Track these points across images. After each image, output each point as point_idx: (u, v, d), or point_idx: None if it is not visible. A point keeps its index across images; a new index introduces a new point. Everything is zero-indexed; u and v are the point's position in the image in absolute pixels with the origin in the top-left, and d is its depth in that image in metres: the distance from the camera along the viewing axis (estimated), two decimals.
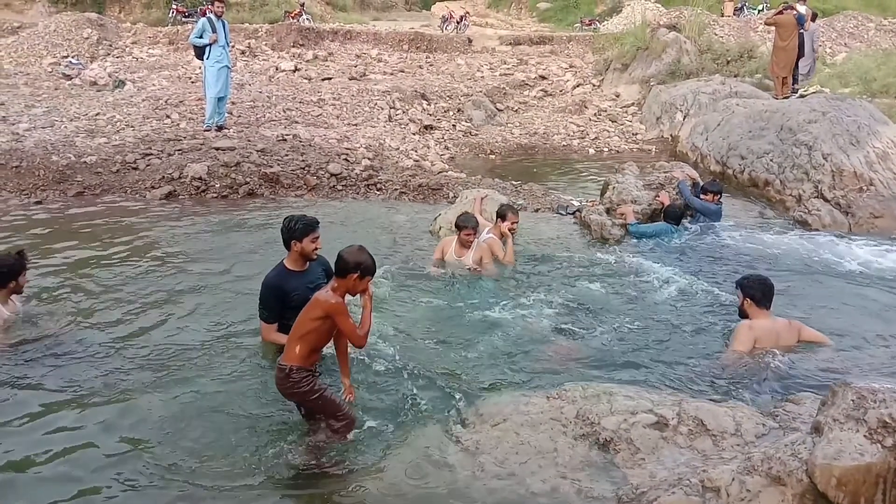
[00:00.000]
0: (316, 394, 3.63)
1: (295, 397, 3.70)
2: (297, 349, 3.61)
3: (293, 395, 3.67)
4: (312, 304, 3.63)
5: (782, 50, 13.86)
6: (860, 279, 6.65)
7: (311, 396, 3.63)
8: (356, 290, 3.65)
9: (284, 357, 3.65)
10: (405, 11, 40.41)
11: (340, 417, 3.69)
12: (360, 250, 3.67)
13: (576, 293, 6.13)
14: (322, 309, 3.57)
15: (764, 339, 4.75)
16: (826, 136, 9.38)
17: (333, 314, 3.56)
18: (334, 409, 3.68)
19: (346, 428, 3.71)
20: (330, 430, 3.70)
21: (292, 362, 3.60)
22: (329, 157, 10.49)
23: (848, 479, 2.62)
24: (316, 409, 3.71)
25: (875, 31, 22.82)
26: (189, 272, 6.41)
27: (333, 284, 3.66)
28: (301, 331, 3.62)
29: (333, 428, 3.69)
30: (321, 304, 3.58)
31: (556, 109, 17.11)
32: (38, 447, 3.73)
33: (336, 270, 3.64)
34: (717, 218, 8.15)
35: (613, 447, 3.49)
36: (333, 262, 3.70)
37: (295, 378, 3.59)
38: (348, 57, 20.29)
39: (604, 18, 29.27)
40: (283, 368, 3.62)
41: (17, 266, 4.94)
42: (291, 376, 3.59)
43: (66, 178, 9.25)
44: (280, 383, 3.66)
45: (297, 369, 3.59)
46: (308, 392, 3.61)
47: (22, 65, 16.85)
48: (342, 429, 3.69)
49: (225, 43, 11.33)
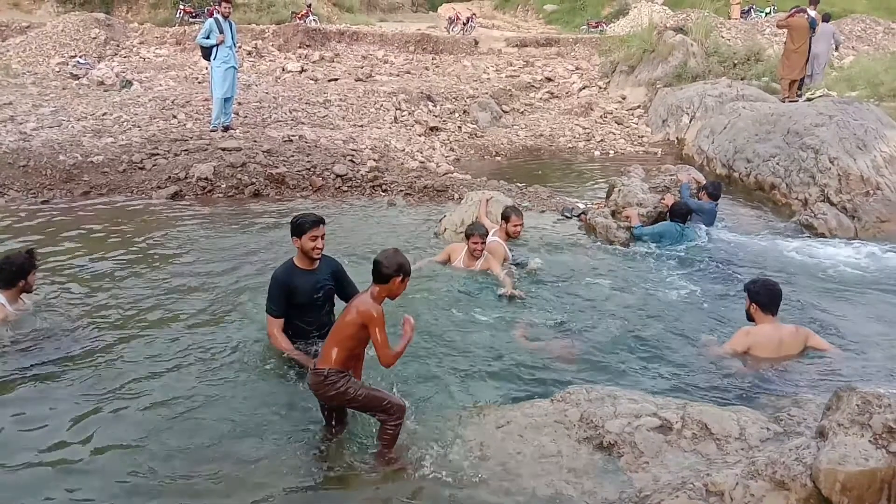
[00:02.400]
0: (356, 391, 3.57)
1: (334, 400, 3.63)
2: (333, 354, 3.56)
3: (332, 397, 3.61)
4: (351, 311, 3.58)
5: (794, 53, 13.83)
6: (865, 284, 6.63)
7: (350, 396, 3.57)
8: (397, 294, 3.64)
9: (321, 361, 3.60)
10: (412, 13, 40.45)
11: (388, 408, 3.60)
12: (396, 253, 3.66)
13: (580, 296, 6.13)
14: (361, 317, 3.52)
15: (762, 346, 4.73)
16: (833, 139, 9.35)
17: (369, 324, 3.50)
18: (379, 402, 3.60)
19: (398, 416, 3.62)
20: (384, 425, 3.62)
21: (328, 365, 3.56)
22: (335, 158, 10.51)
23: (852, 484, 2.61)
24: (360, 407, 3.65)
25: (883, 34, 22.76)
26: (194, 272, 6.43)
27: (374, 290, 3.61)
28: (339, 336, 3.58)
29: (386, 422, 3.60)
30: (360, 312, 3.53)
31: (561, 111, 17.10)
32: (38, 443, 3.74)
33: (377, 276, 3.59)
34: (710, 218, 8.14)
35: (617, 450, 3.49)
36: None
37: (332, 380, 3.54)
38: (354, 58, 20.32)
39: (610, 21, 29.27)
40: (319, 373, 3.56)
41: (27, 265, 4.97)
42: (328, 379, 3.54)
43: (72, 178, 9.29)
44: (317, 387, 3.61)
45: (334, 371, 3.54)
46: (345, 392, 3.55)
47: (30, 64, 16.91)
48: (394, 419, 3.60)
49: (232, 44, 11.36)
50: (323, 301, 4.73)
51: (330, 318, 4.86)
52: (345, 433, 3.89)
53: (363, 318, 3.51)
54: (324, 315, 4.80)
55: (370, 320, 3.50)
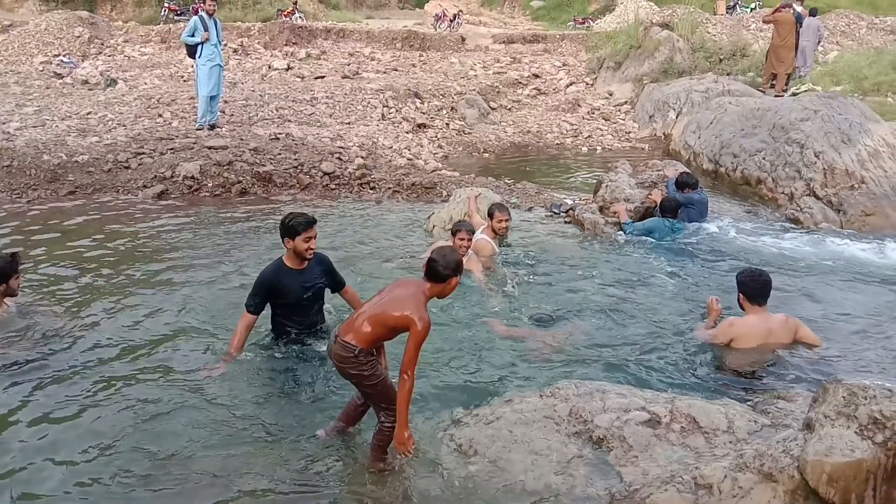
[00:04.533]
0: (377, 379, 3.52)
1: (352, 378, 3.54)
2: (367, 334, 3.46)
3: (352, 375, 3.52)
4: (401, 306, 3.43)
5: (781, 47, 14.00)
6: (850, 277, 6.68)
7: (371, 381, 3.50)
8: (448, 293, 3.60)
9: (354, 337, 3.46)
10: (398, 10, 40.34)
11: (392, 408, 3.51)
12: (452, 251, 3.62)
13: (568, 291, 6.15)
14: (408, 322, 3.39)
15: (745, 337, 4.73)
16: (818, 134, 9.42)
17: (413, 335, 3.37)
18: (389, 399, 3.51)
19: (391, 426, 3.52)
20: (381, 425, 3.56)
21: (361, 345, 3.45)
22: (322, 155, 10.46)
23: (839, 475, 2.63)
24: (373, 393, 3.56)
25: (867, 29, 22.93)
26: (181, 271, 6.38)
27: (426, 288, 3.52)
28: (379, 322, 3.46)
29: (384, 422, 3.54)
30: (410, 318, 3.38)
31: (549, 108, 17.12)
32: (21, 452, 3.70)
33: (433, 276, 3.50)
34: (702, 207, 8.14)
35: (606, 445, 3.50)
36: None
37: (361, 360, 3.45)
38: (341, 55, 20.25)
39: (597, 17, 29.30)
40: (349, 348, 3.44)
41: (8, 269, 4.87)
42: (357, 358, 3.45)
43: (57, 178, 9.20)
44: (342, 360, 3.49)
45: (364, 353, 3.47)
46: (370, 376, 3.49)
47: (12, 63, 16.74)
48: (394, 420, 3.49)
49: (217, 41, 11.29)
50: (312, 300, 4.70)
51: (320, 317, 4.85)
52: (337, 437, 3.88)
53: (410, 324, 3.38)
54: (313, 314, 4.77)
55: (416, 334, 3.37)
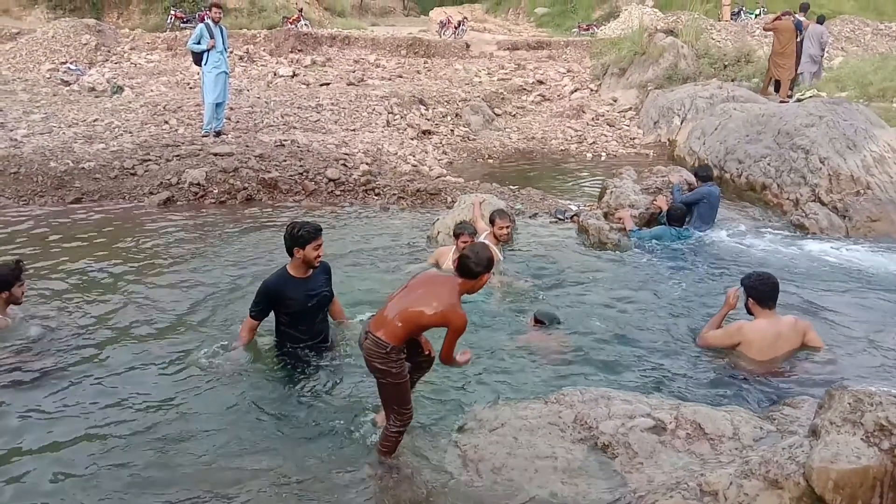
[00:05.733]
0: (400, 379, 3.51)
1: (377, 372, 3.53)
2: (400, 331, 3.46)
3: (378, 369, 3.51)
4: (433, 302, 3.44)
5: (781, 55, 14.14)
6: (856, 282, 6.66)
7: (394, 379, 3.50)
8: (479, 289, 3.61)
9: (385, 333, 3.45)
10: (403, 17, 40.49)
11: (405, 412, 3.56)
12: (484, 248, 3.62)
13: (573, 297, 6.15)
14: (444, 319, 3.43)
15: (753, 343, 4.72)
16: (823, 140, 9.40)
17: (452, 330, 3.43)
18: (403, 401, 3.54)
19: (405, 424, 3.59)
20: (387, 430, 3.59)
21: (393, 342, 3.45)
22: (327, 162, 10.49)
23: (845, 482, 2.62)
24: (389, 392, 3.55)
25: (872, 35, 22.92)
26: (187, 279, 6.40)
27: (457, 284, 3.53)
28: (412, 319, 3.46)
29: (391, 427, 3.57)
30: (446, 315, 3.42)
31: (553, 114, 17.14)
32: (23, 459, 3.70)
33: (465, 272, 3.51)
34: (714, 200, 8.29)
35: (611, 451, 3.49)
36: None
37: (392, 357, 3.46)
38: (346, 62, 20.32)
39: (601, 23, 29.32)
40: (381, 344, 3.45)
41: (10, 277, 4.85)
42: (390, 354, 3.45)
43: (64, 184, 9.25)
44: (372, 355, 3.48)
45: (396, 350, 3.47)
46: (396, 374, 3.49)
47: (20, 71, 16.85)
48: (401, 425, 3.56)
49: (223, 48, 11.35)
50: (316, 308, 4.69)
51: (324, 326, 4.84)
52: (337, 441, 3.88)
53: (447, 321, 3.43)
54: (318, 323, 4.75)
55: (456, 329, 3.43)
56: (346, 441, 3.88)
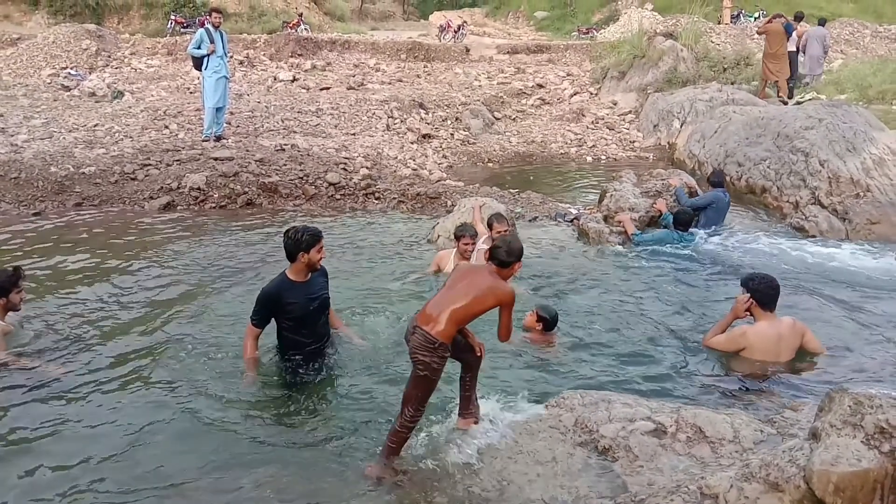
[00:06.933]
0: (434, 375, 3.54)
1: (420, 364, 3.52)
2: (449, 327, 3.49)
3: (423, 362, 3.51)
4: (486, 292, 3.52)
5: (771, 56, 14.57)
6: (855, 285, 6.66)
7: (431, 374, 3.53)
8: (509, 277, 3.67)
9: (438, 330, 3.48)
10: (403, 21, 40.60)
11: (421, 408, 3.60)
12: (515, 237, 3.74)
13: (573, 300, 6.14)
14: (497, 299, 3.53)
15: (758, 348, 4.74)
16: (822, 142, 9.41)
17: (506, 306, 3.56)
18: (424, 400, 3.60)
19: (415, 421, 3.62)
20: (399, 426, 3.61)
21: (444, 339, 3.48)
22: (327, 166, 10.51)
23: (845, 485, 2.62)
24: (420, 385, 3.56)
25: (871, 37, 22.95)
26: (187, 283, 6.41)
27: (493, 269, 3.61)
28: (461, 310, 3.50)
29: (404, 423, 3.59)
30: (497, 295, 3.52)
31: (553, 117, 17.16)
32: (21, 467, 3.68)
33: (500, 262, 3.60)
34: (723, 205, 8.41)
35: (612, 455, 3.49)
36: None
37: (440, 354, 3.50)
38: (346, 67, 20.36)
39: (601, 27, 29.41)
40: (433, 341, 3.47)
41: (8, 283, 4.84)
42: (438, 351, 3.49)
43: (64, 189, 9.27)
44: (421, 350, 3.48)
45: (444, 347, 3.50)
46: (435, 371, 3.53)
47: (21, 76, 16.90)
48: (412, 421, 3.60)
49: (223, 53, 11.38)
50: (318, 311, 4.70)
51: (326, 329, 4.85)
52: (336, 445, 3.87)
53: (501, 299, 3.53)
54: (320, 326, 4.76)
55: (509, 304, 3.56)
56: (349, 446, 3.87)
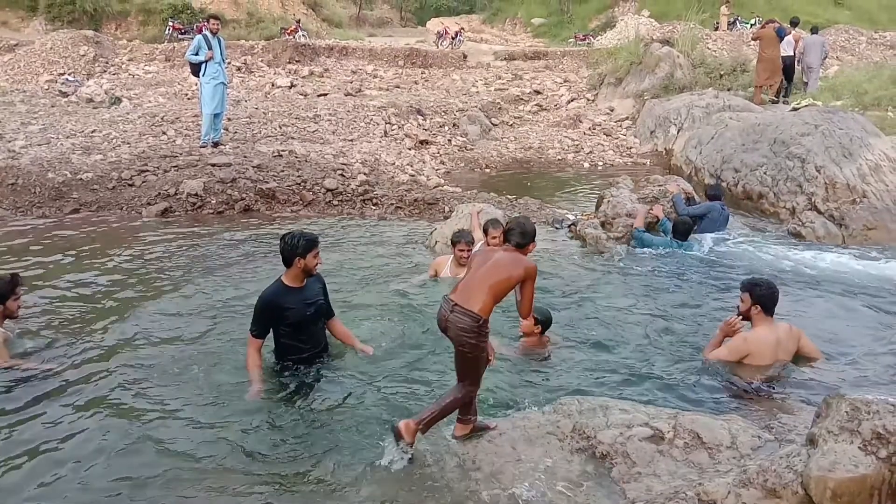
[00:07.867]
0: (482, 353, 3.59)
1: (461, 344, 3.55)
2: (487, 303, 3.54)
3: (466, 343, 3.53)
4: (515, 265, 3.62)
5: (765, 60, 14.71)
6: (852, 291, 6.67)
7: (477, 352, 3.56)
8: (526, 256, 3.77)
9: (477, 306, 3.51)
10: (400, 27, 40.71)
11: (475, 385, 3.67)
12: (527, 220, 3.84)
13: (569, 306, 6.14)
14: (527, 273, 3.61)
15: (759, 354, 4.74)
16: (819, 148, 9.45)
17: (530, 279, 3.64)
18: (479, 375, 3.67)
19: (470, 395, 3.68)
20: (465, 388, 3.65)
21: (485, 315, 3.52)
22: (325, 172, 10.52)
23: (843, 490, 2.62)
24: (469, 364, 3.61)
25: (866, 44, 23.03)
26: (185, 290, 6.39)
27: (509, 250, 3.71)
28: (497, 286, 3.57)
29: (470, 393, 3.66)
30: (527, 269, 3.62)
31: (550, 124, 17.21)
32: (19, 476, 3.66)
33: (517, 244, 3.70)
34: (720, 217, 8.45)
35: (609, 461, 3.49)
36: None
37: (482, 330, 3.52)
38: (344, 73, 20.42)
39: (598, 34, 29.51)
40: (474, 317, 3.50)
41: (5, 290, 4.81)
42: (481, 327, 3.51)
43: (62, 195, 9.26)
44: (462, 327, 3.51)
45: (485, 322, 3.54)
46: (480, 349, 3.56)
47: (18, 82, 16.91)
48: (468, 394, 3.66)
49: (221, 60, 11.39)
50: (315, 317, 4.70)
51: (323, 335, 4.84)
52: (339, 451, 3.87)
53: (528, 272, 3.63)
54: (318, 331, 4.77)
55: (533, 276, 3.66)
56: (348, 450, 3.86)
